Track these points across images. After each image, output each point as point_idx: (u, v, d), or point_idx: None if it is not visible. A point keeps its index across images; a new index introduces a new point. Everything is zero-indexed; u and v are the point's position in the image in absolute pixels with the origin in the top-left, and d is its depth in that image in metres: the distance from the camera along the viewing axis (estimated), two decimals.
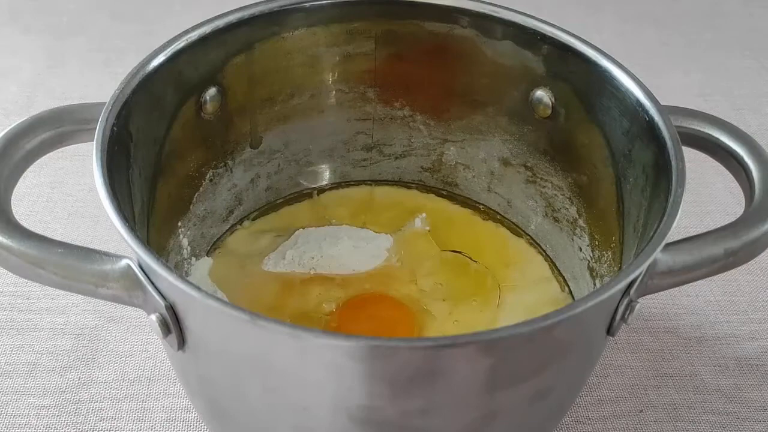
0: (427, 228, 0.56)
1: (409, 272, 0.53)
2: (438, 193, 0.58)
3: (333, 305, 0.50)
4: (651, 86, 0.44)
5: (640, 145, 0.43)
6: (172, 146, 0.46)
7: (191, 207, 0.51)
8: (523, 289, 0.52)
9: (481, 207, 0.57)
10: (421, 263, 0.53)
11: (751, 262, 0.41)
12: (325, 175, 0.58)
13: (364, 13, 0.51)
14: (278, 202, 0.57)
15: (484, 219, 0.57)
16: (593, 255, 0.50)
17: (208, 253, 0.53)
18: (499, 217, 0.56)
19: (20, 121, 0.41)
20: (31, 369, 0.52)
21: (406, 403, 0.35)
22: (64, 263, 0.37)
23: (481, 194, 0.57)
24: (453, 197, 0.58)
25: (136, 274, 0.36)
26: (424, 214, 0.56)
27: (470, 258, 0.54)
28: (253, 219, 0.56)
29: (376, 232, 0.55)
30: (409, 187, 0.59)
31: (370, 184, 0.59)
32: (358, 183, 0.59)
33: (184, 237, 0.50)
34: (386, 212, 0.57)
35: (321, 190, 0.58)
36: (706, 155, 0.45)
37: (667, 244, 0.38)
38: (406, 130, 0.56)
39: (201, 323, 0.36)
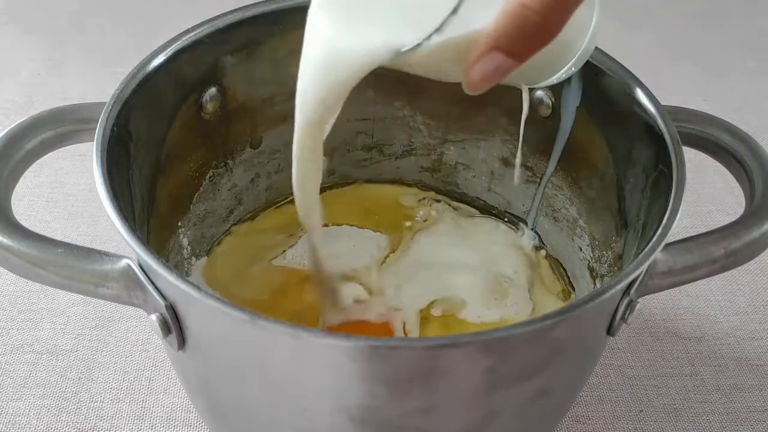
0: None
1: None
2: (438, 190, 0.58)
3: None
4: (651, 86, 0.44)
5: (640, 145, 0.43)
6: (172, 146, 0.46)
7: (191, 207, 0.51)
8: (523, 288, 0.52)
9: (481, 204, 0.57)
10: None
11: (751, 262, 0.41)
12: (325, 175, 0.58)
13: None
14: (278, 201, 0.57)
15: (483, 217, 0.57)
16: (593, 255, 0.50)
17: (207, 253, 0.53)
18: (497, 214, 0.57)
19: (20, 121, 0.41)
20: (32, 369, 0.52)
21: (406, 403, 0.35)
22: (64, 263, 0.37)
23: (481, 194, 0.57)
24: (453, 194, 0.58)
25: (136, 274, 0.36)
26: (422, 212, 0.56)
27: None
28: (253, 218, 0.56)
29: (375, 232, 0.55)
30: (409, 186, 0.59)
31: (371, 184, 0.58)
32: (359, 183, 0.58)
33: (184, 237, 0.50)
34: (386, 211, 0.57)
35: (321, 190, 0.58)
36: (706, 155, 0.45)
37: (668, 244, 0.38)
38: (406, 130, 0.56)
39: (201, 323, 0.36)
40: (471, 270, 0.52)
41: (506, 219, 0.56)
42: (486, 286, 0.51)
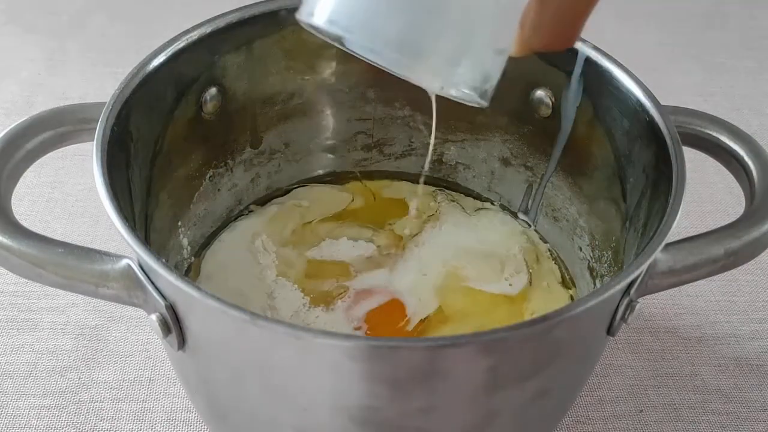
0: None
1: None
2: (438, 185, 0.58)
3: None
4: (651, 86, 0.44)
5: (641, 146, 0.43)
6: (173, 146, 0.46)
7: (191, 207, 0.51)
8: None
9: (482, 199, 0.57)
10: None
11: (751, 262, 0.41)
12: (324, 176, 0.58)
13: None
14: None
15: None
16: (593, 255, 0.50)
17: (207, 248, 0.53)
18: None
19: (20, 121, 0.41)
20: (32, 369, 0.52)
21: (406, 403, 0.35)
22: (65, 263, 0.37)
23: (481, 193, 0.57)
24: (452, 190, 0.58)
25: (136, 274, 0.36)
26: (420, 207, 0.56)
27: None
28: (252, 213, 0.56)
29: (374, 231, 0.55)
30: (413, 182, 0.58)
31: (370, 181, 0.58)
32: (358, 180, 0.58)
33: (184, 237, 0.50)
34: (386, 210, 0.57)
35: (319, 182, 0.57)
36: (706, 155, 0.45)
37: (668, 244, 0.38)
38: (406, 130, 0.56)
39: (201, 323, 0.36)
40: (476, 254, 0.53)
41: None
42: (487, 263, 0.52)
